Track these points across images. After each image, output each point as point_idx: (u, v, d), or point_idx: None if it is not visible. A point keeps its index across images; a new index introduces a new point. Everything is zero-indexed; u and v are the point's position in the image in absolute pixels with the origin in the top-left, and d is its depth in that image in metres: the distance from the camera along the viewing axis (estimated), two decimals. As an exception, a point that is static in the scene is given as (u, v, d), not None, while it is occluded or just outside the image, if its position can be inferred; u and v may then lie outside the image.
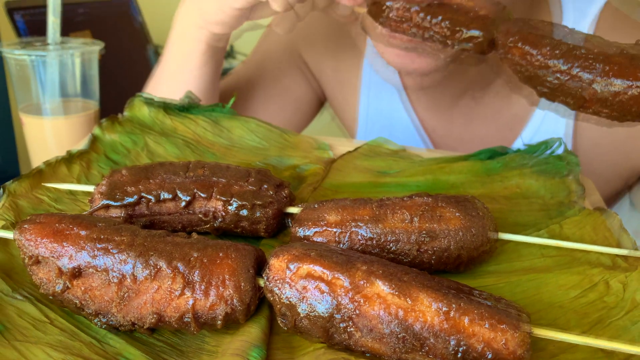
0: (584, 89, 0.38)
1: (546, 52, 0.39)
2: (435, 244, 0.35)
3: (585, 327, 0.32)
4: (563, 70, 0.38)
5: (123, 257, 0.31)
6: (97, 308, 0.31)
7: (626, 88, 0.36)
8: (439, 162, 0.51)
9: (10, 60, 0.63)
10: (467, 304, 0.29)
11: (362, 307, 0.29)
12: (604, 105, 0.38)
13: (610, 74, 0.37)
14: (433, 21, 0.46)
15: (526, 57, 0.40)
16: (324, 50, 0.76)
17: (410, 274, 0.30)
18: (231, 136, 0.53)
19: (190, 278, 0.31)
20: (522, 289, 0.35)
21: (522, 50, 0.40)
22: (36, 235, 0.32)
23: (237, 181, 0.38)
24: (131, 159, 0.48)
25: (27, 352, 0.29)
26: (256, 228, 0.39)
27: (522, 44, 0.40)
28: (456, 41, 0.45)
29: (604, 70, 0.37)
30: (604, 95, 0.37)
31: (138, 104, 0.53)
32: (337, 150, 0.54)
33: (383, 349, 0.29)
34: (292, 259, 0.31)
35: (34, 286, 0.34)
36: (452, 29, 0.45)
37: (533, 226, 0.42)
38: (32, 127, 0.64)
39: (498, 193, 0.46)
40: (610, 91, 0.37)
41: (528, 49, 0.40)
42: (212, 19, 0.55)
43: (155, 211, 0.38)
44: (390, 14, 0.48)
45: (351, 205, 0.37)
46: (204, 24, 0.56)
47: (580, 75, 0.38)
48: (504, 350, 0.28)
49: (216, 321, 0.31)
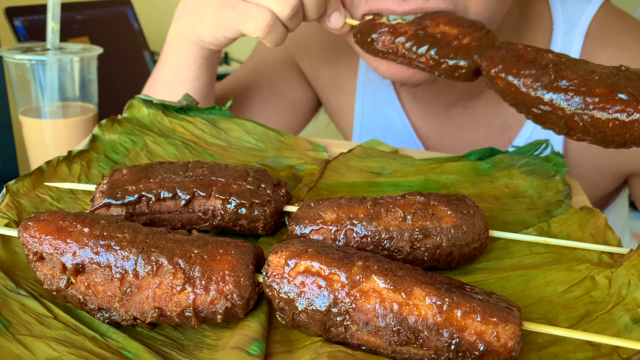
0: (567, 119, 0.39)
1: (529, 84, 0.40)
2: (428, 241, 0.36)
3: (572, 321, 0.33)
4: (546, 101, 0.39)
5: (125, 253, 0.32)
6: (99, 303, 0.32)
7: (607, 120, 0.37)
8: (431, 163, 0.52)
9: (10, 64, 0.64)
10: (459, 298, 0.30)
11: (358, 302, 0.30)
12: (587, 134, 0.39)
13: (590, 106, 0.37)
14: (419, 51, 0.47)
15: (510, 88, 0.41)
16: (320, 57, 0.77)
17: (405, 269, 0.31)
18: (228, 137, 0.54)
19: (191, 274, 0.32)
20: (512, 285, 0.36)
21: (506, 81, 0.41)
22: (40, 232, 0.32)
23: (235, 180, 0.39)
24: (131, 159, 0.48)
25: (32, 346, 0.30)
26: (254, 226, 0.39)
27: (506, 75, 0.41)
28: (442, 71, 0.46)
29: (585, 102, 0.37)
30: (585, 127, 0.38)
31: (137, 105, 0.54)
32: (331, 152, 0.55)
33: (378, 342, 0.30)
34: (291, 255, 0.32)
35: (37, 282, 0.35)
36: (437, 60, 0.46)
37: (522, 224, 0.43)
38: (31, 130, 0.65)
39: (487, 193, 0.47)
40: (591, 123, 0.38)
41: (511, 79, 0.41)
42: (207, 40, 0.57)
43: (155, 210, 0.39)
44: (376, 45, 0.49)
45: (347, 203, 0.38)
46: (198, 41, 0.58)
47: (562, 107, 0.38)
48: (495, 343, 0.29)
49: (216, 316, 0.32)
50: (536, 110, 0.40)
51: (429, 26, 0.48)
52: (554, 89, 0.39)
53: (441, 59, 0.46)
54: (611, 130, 0.37)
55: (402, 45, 0.48)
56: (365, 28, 0.51)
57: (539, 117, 0.40)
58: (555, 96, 0.39)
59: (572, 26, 0.65)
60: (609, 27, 0.64)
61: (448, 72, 0.46)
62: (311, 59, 0.78)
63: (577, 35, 0.64)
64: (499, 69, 0.42)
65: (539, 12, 0.66)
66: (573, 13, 0.65)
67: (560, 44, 0.65)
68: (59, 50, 0.66)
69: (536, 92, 0.40)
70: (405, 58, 0.48)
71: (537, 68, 0.41)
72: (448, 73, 0.46)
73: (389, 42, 0.48)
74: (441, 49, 0.46)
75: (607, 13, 0.65)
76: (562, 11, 0.66)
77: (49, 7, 0.64)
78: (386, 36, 0.49)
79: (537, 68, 0.41)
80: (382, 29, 0.49)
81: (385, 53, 0.49)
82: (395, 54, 0.49)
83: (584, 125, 0.38)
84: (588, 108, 0.38)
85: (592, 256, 0.38)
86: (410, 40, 0.47)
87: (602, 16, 0.65)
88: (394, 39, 0.48)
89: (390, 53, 0.49)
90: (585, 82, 0.39)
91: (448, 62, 0.45)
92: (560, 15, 0.66)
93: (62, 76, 0.65)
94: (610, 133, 0.37)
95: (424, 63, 0.47)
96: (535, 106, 0.40)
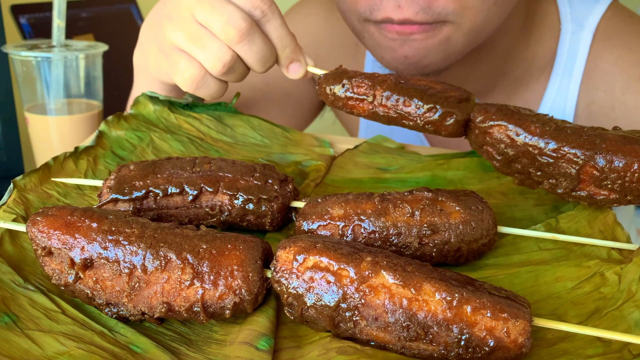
0: (581, 165, 0.38)
1: (534, 130, 0.39)
2: (436, 237, 0.36)
3: (582, 317, 0.33)
4: (555, 148, 0.38)
5: (133, 248, 0.32)
6: (108, 298, 0.32)
7: (627, 165, 0.36)
8: (437, 159, 0.52)
9: (16, 61, 0.64)
10: (469, 294, 0.29)
11: (367, 297, 0.30)
12: (600, 186, 0.38)
13: (608, 151, 0.37)
14: (402, 98, 0.43)
15: (511, 136, 0.40)
16: (326, 56, 0.77)
17: (414, 264, 0.31)
18: (234, 134, 0.54)
19: (199, 269, 0.31)
20: (521, 281, 0.36)
21: (506, 129, 0.40)
22: (48, 227, 0.32)
23: (242, 176, 0.39)
24: (137, 155, 0.48)
25: (40, 341, 0.30)
26: (262, 222, 0.39)
27: (507, 123, 0.40)
28: (429, 121, 0.43)
29: (600, 147, 0.37)
30: (603, 174, 0.37)
31: (143, 101, 0.54)
32: (337, 148, 0.55)
33: (388, 338, 0.30)
34: (299, 250, 0.31)
35: (45, 277, 0.35)
36: (425, 107, 0.43)
37: (529, 220, 0.43)
38: (36, 126, 0.65)
39: (494, 189, 0.47)
40: (610, 168, 0.37)
41: (513, 127, 0.40)
42: (161, 79, 0.53)
43: (162, 205, 0.39)
44: (348, 92, 0.45)
45: (354, 199, 0.38)
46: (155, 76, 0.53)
47: (575, 152, 0.38)
48: (505, 339, 0.29)
49: (225, 311, 0.32)
50: (543, 159, 0.38)
51: (409, 80, 0.45)
52: (565, 135, 0.38)
53: (430, 104, 0.43)
54: (632, 174, 0.36)
55: (381, 91, 0.44)
56: (334, 75, 0.46)
57: (546, 167, 0.39)
58: (566, 141, 0.37)
59: (580, 26, 0.64)
60: (617, 27, 0.64)
61: (437, 121, 0.43)
62: (317, 57, 0.78)
63: (585, 36, 0.64)
64: (497, 117, 0.40)
65: (546, 12, 0.66)
66: (581, 13, 0.65)
67: (568, 44, 0.65)
68: (64, 47, 0.66)
69: (543, 138, 0.38)
70: (384, 106, 0.44)
71: (538, 118, 0.40)
72: (437, 123, 0.43)
73: (366, 88, 0.45)
74: (430, 97, 0.43)
75: (615, 13, 0.65)
76: (570, 11, 0.65)
77: (54, 4, 0.64)
78: (362, 81, 0.45)
79: (538, 118, 0.40)
80: (357, 76, 0.45)
81: (358, 100, 0.45)
82: (370, 102, 0.45)
83: (601, 172, 0.37)
84: (606, 151, 0.36)
85: (601, 252, 0.38)
86: (390, 87, 0.44)
87: (610, 16, 0.64)
88: (372, 84, 0.44)
89: (366, 100, 0.45)
90: (594, 129, 0.38)
91: (438, 108, 0.43)
92: (569, 15, 0.65)
93: (68, 73, 0.65)
94: (630, 179, 0.36)
95: (407, 112, 0.44)
96: (544, 154, 0.38)
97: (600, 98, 0.64)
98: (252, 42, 0.45)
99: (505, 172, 0.42)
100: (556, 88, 0.66)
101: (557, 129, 0.38)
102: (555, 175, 0.39)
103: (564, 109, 0.67)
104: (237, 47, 0.45)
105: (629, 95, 0.62)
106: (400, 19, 0.51)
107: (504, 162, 0.41)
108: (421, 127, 0.44)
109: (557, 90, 0.66)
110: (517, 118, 0.40)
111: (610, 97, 0.63)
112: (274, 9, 0.46)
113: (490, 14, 0.53)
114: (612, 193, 0.38)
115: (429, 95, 0.43)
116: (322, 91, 0.47)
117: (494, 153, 0.41)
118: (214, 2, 0.44)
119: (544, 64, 0.67)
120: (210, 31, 0.45)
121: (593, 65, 0.64)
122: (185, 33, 0.45)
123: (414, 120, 0.44)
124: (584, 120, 0.66)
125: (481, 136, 0.42)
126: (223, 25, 0.44)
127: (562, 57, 0.65)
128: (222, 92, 0.49)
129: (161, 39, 0.48)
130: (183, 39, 0.45)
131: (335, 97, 0.46)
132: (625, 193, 0.37)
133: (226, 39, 0.44)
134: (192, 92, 0.48)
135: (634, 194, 0.37)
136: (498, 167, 0.42)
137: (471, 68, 0.65)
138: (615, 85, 0.63)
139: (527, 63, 0.67)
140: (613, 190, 0.37)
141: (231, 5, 0.44)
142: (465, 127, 0.43)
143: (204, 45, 0.45)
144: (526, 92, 0.68)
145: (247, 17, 0.44)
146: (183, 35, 0.45)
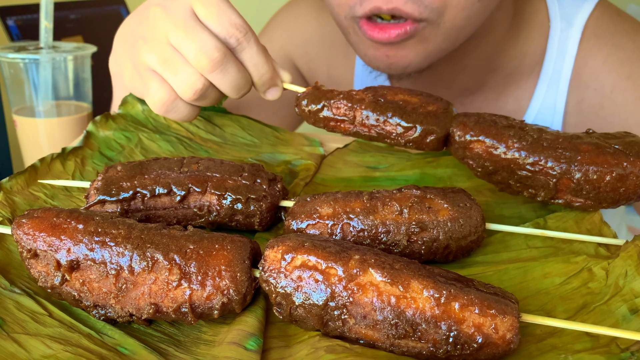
0: (557, 178, 0.39)
1: (512, 145, 0.40)
2: (425, 235, 0.36)
3: (570, 312, 0.33)
4: (533, 162, 0.39)
5: (120, 249, 0.32)
6: (95, 300, 0.32)
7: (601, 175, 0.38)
8: (427, 157, 0.52)
9: (3, 63, 0.64)
10: (457, 291, 0.29)
11: (355, 295, 0.30)
12: (578, 195, 0.40)
13: (583, 163, 0.38)
14: (381, 118, 0.43)
15: (490, 151, 0.41)
16: (317, 56, 0.77)
17: (402, 262, 0.31)
18: (223, 133, 0.54)
19: (186, 269, 0.31)
20: (509, 277, 0.36)
21: (485, 144, 0.41)
22: (34, 229, 0.32)
23: (231, 176, 0.39)
24: (125, 156, 0.48)
25: (27, 344, 0.30)
26: (250, 221, 0.39)
27: (485, 137, 0.41)
28: (410, 140, 0.43)
29: (576, 159, 0.38)
30: (578, 186, 0.39)
31: (131, 101, 0.53)
32: (327, 147, 0.55)
33: (376, 336, 0.30)
34: (287, 249, 0.31)
35: (31, 280, 0.34)
36: (404, 126, 0.43)
37: (518, 218, 0.43)
38: (25, 129, 0.65)
39: (483, 186, 0.47)
40: (585, 180, 0.39)
41: (490, 142, 0.41)
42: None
43: (150, 206, 0.38)
44: (327, 112, 0.45)
45: (343, 198, 0.38)
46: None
47: (552, 166, 0.39)
48: (493, 335, 0.29)
49: (213, 311, 0.31)
50: (522, 172, 0.40)
51: (387, 94, 0.45)
52: (541, 148, 0.39)
53: (409, 124, 0.43)
54: (606, 185, 0.38)
55: (360, 111, 0.44)
56: (312, 95, 0.46)
57: (525, 180, 0.40)
58: (543, 155, 0.39)
59: (569, 24, 0.65)
60: (606, 26, 0.64)
61: (418, 139, 0.43)
62: (308, 57, 0.77)
63: (574, 33, 0.64)
64: (475, 132, 0.41)
65: (535, 9, 0.66)
66: (570, 10, 0.65)
67: (557, 42, 0.65)
68: (52, 49, 0.65)
69: (520, 153, 0.39)
70: (365, 126, 0.44)
71: (516, 130, 0.40)
72: (417, 141, 0.43)
73: (345, 109, 0.44)
74: (409, 115, 0.43)
75: (603, 12, 0.65)
76: (559, 9, 0.66)
77: (41, 6, 0.63)
78: (340, 102, 0.44)
79: (516, 130, 0.40)
80: (335, 97, 0.45)
81: (339, 121, 0.45)
82: (351, 122, 0.45)
83: (577, 184, 0.38)
84: (581, 164, 0.38)
85: (588, 249, 0.38)
86: (369, 107, 0.44)
87: (599, 15, 0.65)
88: (351, 105, 0.44)
89: (346, 121, 0.45)
90: (569, 140, 0.39)
91: (417, 127, 0.43)
92: (557, 13, 0.65)
93: (56, 75, 0.64)
94: (604, 189, 0.38)
95: (388, 131, 0.44)
96: (522, 168, 0.40)
97: (590, 96, 0.64)
98: (225, 71, 0.44)
99: (487, 181, 0.43)
100: (546, 86, 0.67)
101: (534, 142, 0.40)
102: (534, 186, 0.40)
103: (554, 106, 0.67)
104: (209, 75, 0.44)
105: (618, 93, 0.62)
106: (389, 8, 0.51)
107: (484, 174, 0.43)
108: (403, 145, 0.45)
109: (547, 88, 0.67)
110: (495, 133, 0.41)
111: (600, 95, 0.64)
112: (249, 36, 0.44)
113: (472, 12, 0.53)
114: (587, 200, 0.39)
115: (407, 113, 0.43)
116: (301, 111, 0.47)
117: (474, 165, 0.43)
118: (188, 28, 0.43)
119: (534, 62, 0.67)
120: (183, 57, 0.44)
121: (582, 63, 0.65)
122: (159, 56, 0.44)
123: (395, 139, 0.44)
124: (574, 118, 0.66)
125: (461, 150, 0.43)
126: (196, 54, 0.43)
127: (552, 54, 0.65)
128: (193, 116, 0.48)
129: (135, 59, 0.47)
130: (156, 62, 0.45)
131: (316, 118, 0.46)
132: (600, 201, 0.39)
133: (198, 67, 0.43)
134: (162, 114, 0.47)
135: (607, 201, 0.39)
136: (480, 177, 0.43)
137: (458, 66, 0.66)
138: (604, 84, 0.63)
139: (517, 61, 0.67)
140: (589, 198, 0.39)
141: (205, 33, 0.43)
142: (446, 142, 0.44)
143: (176, 71, 0.44)
144: (517, 90, 0.69)
145: (221, 46, 0.43)
146: (156, 59, 0.44)
